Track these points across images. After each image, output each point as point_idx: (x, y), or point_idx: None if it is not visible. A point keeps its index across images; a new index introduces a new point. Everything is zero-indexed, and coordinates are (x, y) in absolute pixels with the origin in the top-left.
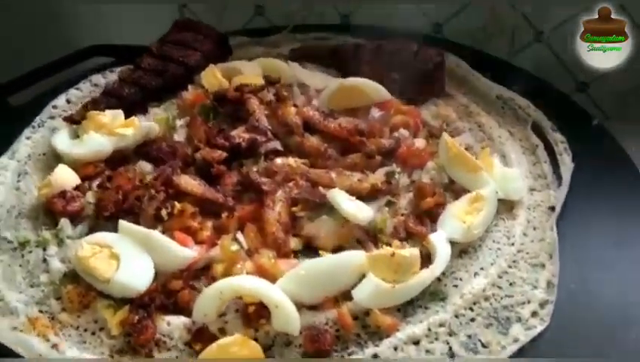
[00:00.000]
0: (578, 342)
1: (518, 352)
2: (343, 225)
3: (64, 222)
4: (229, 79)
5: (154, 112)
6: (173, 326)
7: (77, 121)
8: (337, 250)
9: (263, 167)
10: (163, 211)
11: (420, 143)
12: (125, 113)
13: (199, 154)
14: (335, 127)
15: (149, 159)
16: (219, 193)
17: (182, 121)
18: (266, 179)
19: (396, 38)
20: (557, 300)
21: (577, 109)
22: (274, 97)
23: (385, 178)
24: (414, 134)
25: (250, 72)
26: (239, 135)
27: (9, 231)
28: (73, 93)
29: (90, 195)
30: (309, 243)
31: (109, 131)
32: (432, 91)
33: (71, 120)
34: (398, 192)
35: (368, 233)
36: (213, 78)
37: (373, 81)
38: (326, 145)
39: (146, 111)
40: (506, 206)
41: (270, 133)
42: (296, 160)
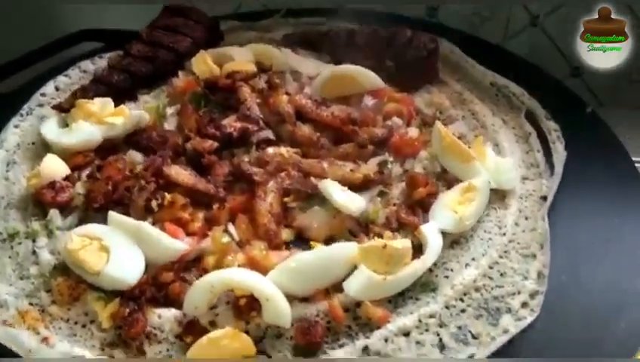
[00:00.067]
0: (568, 333)
1: (507, 343)
2: (334, 216)
3: (53, 213)
4: (220, 65)
5: (144, 100)
6: (164, 319)
7: (66, 109)
8: (329, 241)
9: (254, 156)
10: (153, 202)
11: (413, 132)
12: (115, 100)
13: (190, 144)
14: (328, 115)
15: (140, 148)
16: (210, 184)
17: (172, 109)
18: (257, 169)
19: (390, 24)
20: (547, 291)
21: (571, 96)
22: (266, 85)
23: (377, 168)
24: (407, 122)
25: (241, 57)
26: (230, 124)
27: None
28: (62, 80)
29: (79, 186)
30: (301, 234)
31: (99, 120)
32: (425, 78)
33: (60, 108)
34: (390, 182)
35: (360, 224)
36: (204, 64)
37: (366, 67)
38: (318, 134)
39: (135, 98)
40: (498, 195)
41: (262, 122)
42: (288, 149)
